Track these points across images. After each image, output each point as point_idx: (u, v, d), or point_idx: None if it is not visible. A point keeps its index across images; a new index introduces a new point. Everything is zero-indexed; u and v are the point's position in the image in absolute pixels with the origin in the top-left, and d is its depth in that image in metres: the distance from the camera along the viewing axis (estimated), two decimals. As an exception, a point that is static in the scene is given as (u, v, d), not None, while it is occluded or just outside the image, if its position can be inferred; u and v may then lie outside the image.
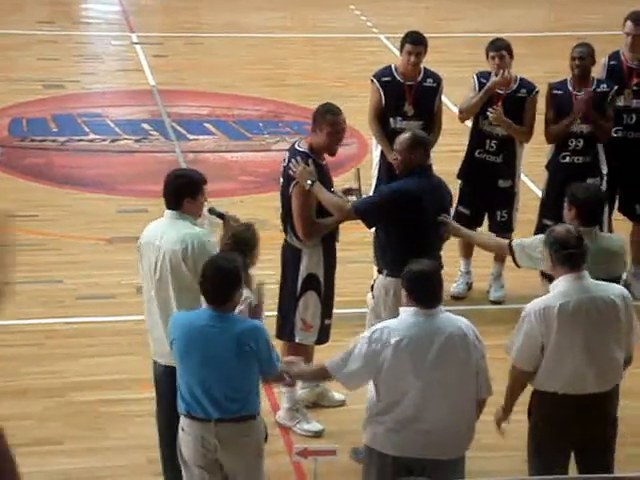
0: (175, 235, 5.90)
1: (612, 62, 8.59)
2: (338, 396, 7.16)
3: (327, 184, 6.83)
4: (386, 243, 6.64)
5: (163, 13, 17.51)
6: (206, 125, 12.30)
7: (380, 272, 6.70)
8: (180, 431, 5.50)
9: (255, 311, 5.85)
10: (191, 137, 11.93)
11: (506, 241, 6.50)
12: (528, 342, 5.49)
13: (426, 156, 6.65)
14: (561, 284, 5.51)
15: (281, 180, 6.89)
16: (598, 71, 8.54)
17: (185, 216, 5.97)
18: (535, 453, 5.69)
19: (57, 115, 12.42)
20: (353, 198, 6.99)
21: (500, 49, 8.36)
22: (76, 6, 17.95)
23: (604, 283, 5.63)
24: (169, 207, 6.03)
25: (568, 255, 5.47)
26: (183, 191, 5.97)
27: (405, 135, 6.68)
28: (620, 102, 8.47)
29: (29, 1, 17.69)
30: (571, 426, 5.56)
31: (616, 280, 5.87)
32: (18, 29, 15.53)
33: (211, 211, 6.22)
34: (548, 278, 6.14)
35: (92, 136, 11.83)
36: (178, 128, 12.11)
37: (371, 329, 5.41)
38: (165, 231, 5.97)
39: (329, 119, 6.72)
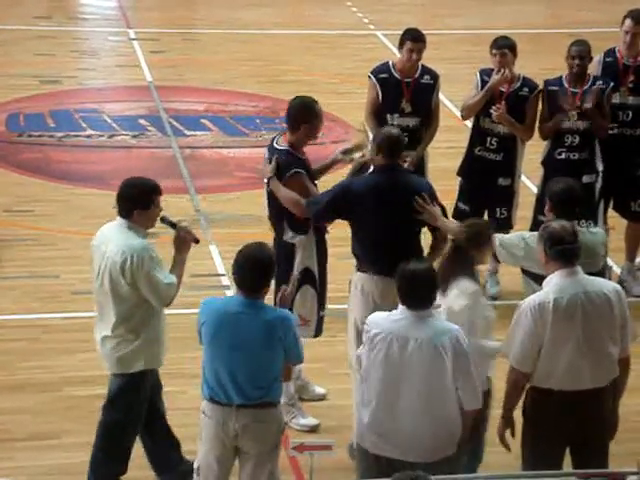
0: (118, 246, 5.92)
1: (608, 59, 8.60)
2: (319, 390, 7.18)
3: (309, 177, 6.87)
4: (353, 238, 6.67)
5: (160, 9, 17.50)
6: (203, 121, 12.31)
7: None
8: (201, 414, 5.58)
9: (285, 298, 5.82)
10: (188, 133, 11.95)
11: None
12: (528, 341, 5.48)
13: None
14: (555, 279, 5.53)
15: (265, 180, 6.91)
16: (593, 68, 8.56)
17: (133, 227, 5.96)
18: (530, 450, 5.68)
19: (54, 111, 12.42)
20: (355, 156, 6.97)
21: (502, 47, 8.34)
22: (73, 2, 17.94)
23: (597, 278, 5.67)
24: (120, 215, 6.00)
25: (563, 250, 5.50)
26: (134, 202, 5.95)
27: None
28: (616, 99, 8.48)
29: (26, -4, 17.67)
30: (566, 423, 5.56)
31: (595, 274, 5.88)
32: (15, 24, 15.52)
33: (163, 220, 6.12)
34: (530, 275, 6.17)
35: (89, 132, 11.84)
36: (175, 124, 12.12)
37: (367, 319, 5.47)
38: (112, 239, 5.98)
39: (315, 114, 6.77)
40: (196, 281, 8.57)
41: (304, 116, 6.79)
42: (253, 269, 5.43)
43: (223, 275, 8.69)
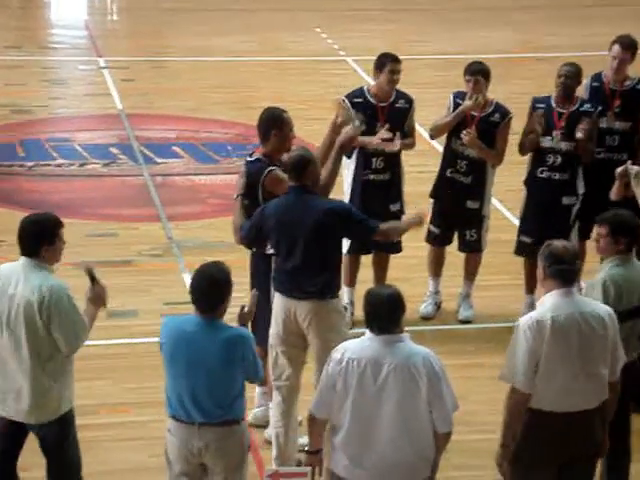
0: (32, 284, 5.64)
1: (595, 84, 8.62)
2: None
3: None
4: None
5: (130, 37, 17.53)
6: (174, 148, 12.31)
7: None
8: (167, 432, 5.57)
9: (244, 316, 5.76)
10: (159, 160, 11.94)
11: None
12: (529, 360, 5.44)
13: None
14: (551, 299, 5.52)
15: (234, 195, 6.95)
16: (580, 92, 8.58)
17: (42, 265, 5.72)
18: (519, 473, 5.62)
19: (25, 140, 12.39)
20: (343, 131, 6.95)
21: (476, 73, 8.37)
22: (43, 31, 17.93)
23: (592, 301, 5.68)
24: (25, 254, 5.74)
25: (561, 270, 5.49)
26: (40, 238, 5.71)
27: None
28: (603, 124, 8.50)
29: (-5, 26, 17.65)
30: (558, 444, 5.52)
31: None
32: (-16, 54, 15.50)
33: (87, 270, 5.93)
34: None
35: (60, 161, 11.81)
36: (146, 152, 12.12)
37: (334, 350, 5.45)
38: (20, 279, 5.71)
39: (284, 122, 6.81)
40: (170, 309, 8.55)
41: (273, 124, 6.84)
42: (209, 288, 5.44)
43: (196, 302, 8.65)
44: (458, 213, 8.57)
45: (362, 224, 6.55)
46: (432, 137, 8.73)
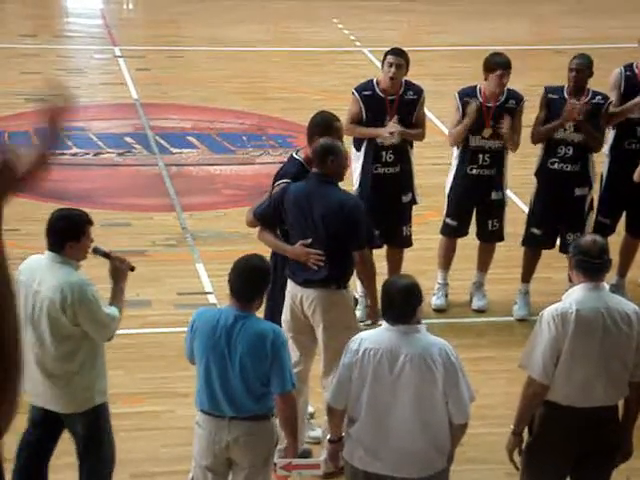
0: (54, 283, 5.63)
1: (627, 73, 8.59)
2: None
3: None
4: None
5: (146, 26, 17.52)
6: (189, 138, 12.29)
7: None
8: (195, 425, 5.56)
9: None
10: (174, 150, 11.93)
11: None
12: (550, 351, 5.39)
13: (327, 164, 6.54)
14: (577, 292, 5.48)
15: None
16: (613, 79, 8.55)
17: (67, 261, 5.69)
18: (533, 467, 5.58)
19: (40, 129, 12.35)
20: None
21: (507, 67, 8.22)
22: (58, 20, 17.93)
23: (620, 297, 5.64)
24: (50, 249, 5.74)
25: (582, 261, 5.45)
26: (65, 235, 5.69)
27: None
28: (636, 114, 8.47)
29: (11, 14, 17.66)
30: (574, 439, 5.48)
31: None
32: (0, 43, 15.50)
33: (95, 251, 5.91)
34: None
35: (75, 150, 11.81)
36: (161, 141, 12.10)
37: (350, 340, 5.44)
38: (44, 276, 5.68)
39: (333, 130, 6.73)
40: (183, 299, 8.54)
41: (320, 131, 6.76)
42: (250, 278, 5.43)
43: (210, 293, 8.64)
44: (483, 205, 8.52)
45: (357, 233, 6.46)
46: (454, 145, 8.55)
